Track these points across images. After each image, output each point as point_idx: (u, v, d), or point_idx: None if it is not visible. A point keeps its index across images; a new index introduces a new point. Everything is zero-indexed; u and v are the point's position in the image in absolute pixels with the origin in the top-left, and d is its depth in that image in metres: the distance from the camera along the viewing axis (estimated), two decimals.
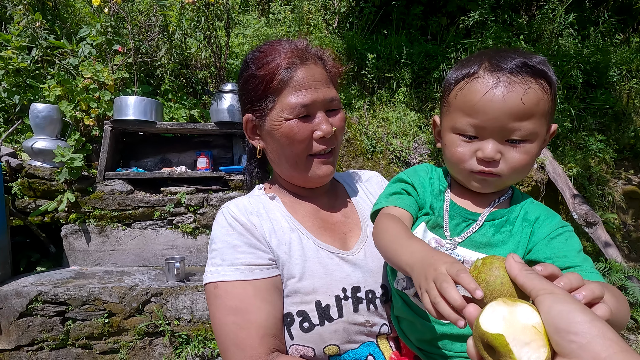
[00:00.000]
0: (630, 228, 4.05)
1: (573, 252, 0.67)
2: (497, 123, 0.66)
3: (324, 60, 0.88)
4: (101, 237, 3.06)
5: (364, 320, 0.81)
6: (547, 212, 0.75)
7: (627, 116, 4.39)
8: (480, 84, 0.68)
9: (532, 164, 0.71)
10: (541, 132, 0.69)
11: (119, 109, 3.00)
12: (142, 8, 3.84)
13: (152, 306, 2.63)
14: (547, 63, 0.69)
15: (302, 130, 0.83)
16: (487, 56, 0.70)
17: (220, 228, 0.83)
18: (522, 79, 0.65)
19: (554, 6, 4.64)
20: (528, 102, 0.65)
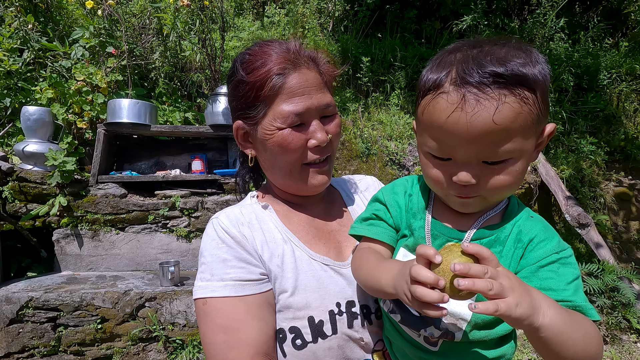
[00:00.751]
0: (622, 229, 4.10)
1: (562, 284, 0.59)
2: (469, 147, 0.57)
3: (318, 63, 0.83)
4: (94, 241, 3.02)
5: (359, 336, 0.78)
6: (544, 233, 0.64)
7: (617, 119, 4.47)
8: (444, 102, 0.57)
9: (518, 182, 0.61)
10: (525, 147, 0.58)
11: (113, 111, 2.97)
12: (136, 10, 3.82)
13: (146, 311, 2.60)
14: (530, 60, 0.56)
15: (296, 140, 0.78)
16: (458, 58, 0.59)
17: (210, 240, 0.79)
18: (493, 94, 0.54)
19: (545, 11, 4.71)
20: (502, 121, 0.54)
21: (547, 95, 0.59)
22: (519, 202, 0.71)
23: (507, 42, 0.59)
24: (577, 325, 0.54)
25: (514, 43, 0.59)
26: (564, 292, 0.58)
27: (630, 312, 3.08)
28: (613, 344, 2.98)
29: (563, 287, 0.59)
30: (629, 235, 4.08)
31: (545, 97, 0.58)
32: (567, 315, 0.53)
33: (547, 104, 0.59)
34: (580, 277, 0.62)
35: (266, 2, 5.25)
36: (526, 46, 0.59)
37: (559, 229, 4.05)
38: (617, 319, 3.10)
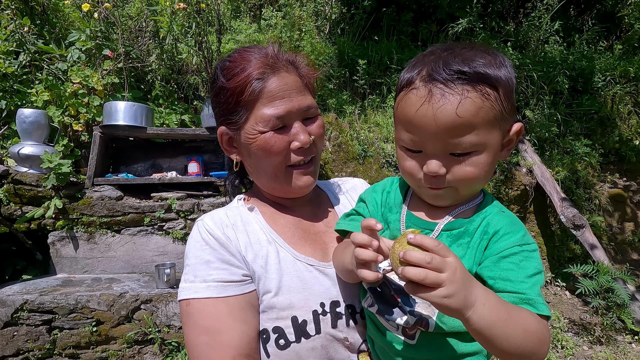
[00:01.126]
0: (616, 230, 4.12)
1: (521, 277, 0.61)
2: (436, 139, 0.62)
3: (297, 66, 0.84)
4: (89, 243, 3.01)
5: (343, 336, 0.78)
6: (510, 226, 0.67)
7: (612, 121, 4.50)
8: (414, 97, 0.62)
9: (484, 175, 0.65)
10: (490, 141, 0.62)
11: (109, 114, 2.97)
12: (133, 13, 3.83)
13: (141, 313, 2.59)
14: (494, 62, 0.61)
15: (279, 143, 0.79)
16: (430, 59, 0.64)
17: (194, 243, 0.80)
18: (457, 89, 0.59)
19: (540, 14, 4.75)
20: (465, 114, 0.59)
21: (511, 95, 0.63)
22: (493, 199, 0.74)
23: (476, 46, 0.65)
24: (514, 322, 0.56)
25: (482, 47, 0.64)
26: (521, 284, 0.61)
27: (625, 312, 3.10)
28: (608, 345, 2.99)
29: (521, 279, 0.61)
30: (624, 237, 4.10)
31: (508, 97, 0.62)
32: (505, 312, 0.56)
33: (511, 103, 0.63)
34: (541, 273, 0.63)
35: (263, 5, 5.27)
36: (493, 50, 0.64)
37: (554, 230, 4.07)
38: (612, 319, 3.12)
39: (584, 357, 2.89)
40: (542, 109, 4.34)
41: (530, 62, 4.44)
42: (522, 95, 4.44)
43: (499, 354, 0.57)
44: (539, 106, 4.39)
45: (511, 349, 0.56)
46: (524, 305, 0.60)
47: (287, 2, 4.87)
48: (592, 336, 3.06)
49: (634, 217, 4.15)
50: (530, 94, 4.41)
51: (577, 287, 3.13)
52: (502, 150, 0.68)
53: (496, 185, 3.85)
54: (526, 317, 0.58)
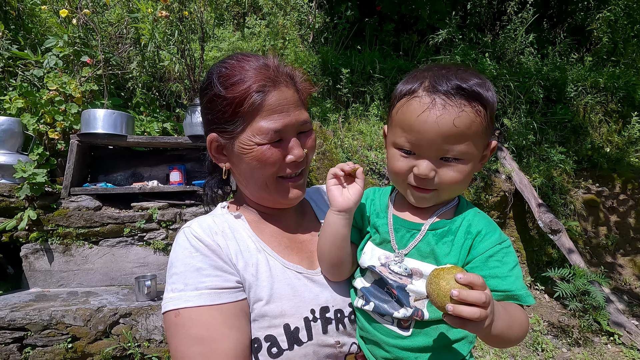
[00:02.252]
0: (591, 235, 4.28)
1: (506, 271, 0.70)
2: (431, 143, 0.70)
3: (296, 81, 0.84)
4: (65, 256, 2.90)
5: (334, 341, 0.79)
6: (489, 226, 0.76)
7: (584, 129, 4.70)
8: (417, 104, 0.70)
9: (465, 181, 0.74)
10: (475, 153, 0.72)
11: (87, 122, 2.90)
12: (113, 20, 3.77)
13: (120, 328, 2.50)
14: (485, 85, 0.70)
15: (274, 156, 0.80)
16: (430, 74, 0.72)
17: (182, 250, 0.78)
18: (456, 102, 0.68)
19: (515, 26, 4.95)
20: (460, 125, 0.67)
21: (493, 116, 0.73)
22: (468, 202, 0.83)
23: (468, 69, 0.74)
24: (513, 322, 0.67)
25: (472, 71, 0.73)
26: (508, 278, 0.70)
27: (601, 314, 3.20)
28: (585, 346, 3.08)
29: (507, 273, 0.70)
30: (598, 240, 4.26)
31: (492, 116, 0.72)
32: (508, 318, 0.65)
33: (493, 122, 0.73)
34: (518, 264, 0.73)
35: (247, 13, 5.28)
36: (482, 75, 0.73)
37: (532, 235, 4.19)
38: (589, 321, 3.22)
39: (563, 359, 2.96)
40: (519, 118, 4.49)
41: (507, 72, 4.60)
42: (500, 104, 4.59)
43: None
44: (516, 115, 4.54)
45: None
46: (513, 300, 0.70)
47: (271, 11, 4.90)
48: (571, 338, 3.15)
49: (606, 221, 4.32)
50: (507, 103, 4.56)
51: (555, 291, 3.22)
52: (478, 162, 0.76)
53: (477, 192, 3.94)
54: (519, 316, 0.69)
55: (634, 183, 4.32)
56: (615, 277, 4.10)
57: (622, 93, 4.88)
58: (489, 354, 2.94)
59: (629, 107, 4.93)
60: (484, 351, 2.97)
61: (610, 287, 3.82)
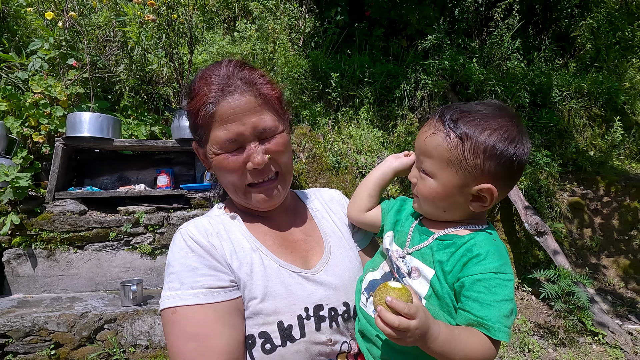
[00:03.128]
0: (576, 236, 4.35)
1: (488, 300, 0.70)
2: (416, 152, 0.84)
3: (255, 84, 0.82)
4: (49, 261, 2.85)
5: (326, 338, 0.81)
6: (492, 254, 0.74)
7: (569, 133, 4.79)
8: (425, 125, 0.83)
9: (433, 198, 0.79)
10: (441, 175, 0.77)
11: (73, 125, 2.87)
12: (100, 23, 3.74)
13: (105, 334, 2.47)
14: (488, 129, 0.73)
15: (232, 164, 0.81)
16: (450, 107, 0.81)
17: (179, 250, 0.80)
18: (435, 125, 0.78)
19: (502, 32, 5.04)
20: (428, 143, 0.78)
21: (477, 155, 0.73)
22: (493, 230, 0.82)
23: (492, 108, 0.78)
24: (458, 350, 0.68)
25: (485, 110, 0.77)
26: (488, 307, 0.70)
27: (585, 314, 3.25)
28: (571, 347, 3.12)
29: (489, 302, 0.70)
30: (583, 242, 4.33)
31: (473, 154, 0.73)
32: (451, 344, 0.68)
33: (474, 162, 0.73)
34: (510, 301, 0.71)
35: (237, 17, 5.29)
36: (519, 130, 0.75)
37: (519, 237, 4.24)
38: (574, 322, 3.27)
39: (549, 359, 3.00)
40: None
41: (494, 77, 4.68)
42: None
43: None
44: None
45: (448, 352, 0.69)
46: (479, 328, 0.70)
47: (261, 15, 4.92)
48: (556, 339, 3.19)
49: (591, 223, 4.40)
50: None
51: (541, 292, 3.26)
52: (473, 201, 0.78)
53: None
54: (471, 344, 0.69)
55: (617, 186, 4.41)
56: (599, 278, 4.17)
57: (605, 98, 4.99)
58: None
59: (611, 111, 5.04)
60: None
61: (595, 287, 3.89)
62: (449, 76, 4.67)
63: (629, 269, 4.23)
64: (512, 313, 0.71)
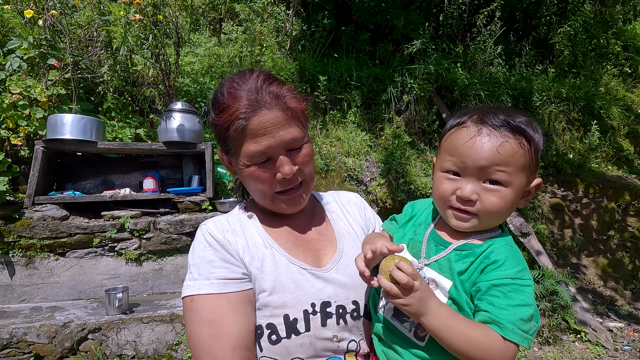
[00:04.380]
0: (557, 237, 4.49)
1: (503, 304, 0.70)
2: (476, 166, 0.74)
3: (284, 100, 0.86)
4: (28, 269, 2.73)
5: (332, 335, 0.84)
6: (511, 260, 0.75)
7: (549, 137, 4.95)
8: (465, 132, 0.77)
9: (506, 210, 0.76)
10: (517, 183, 0.74)
11: (54, 127, 2.76)
12: (83, 22, 3.64)
13: (89, 344, 2.38)
14: (531, 124, 0.76)
15: (263, 175, 0.87)
16: (479, 111, 0.79)
17: (199, 244, 0.88)
18: (501, 133, 0.74)
19: (484, 38, 5.17)
20: (503, 153, 0.73)
21: (538, 154, 0.77)
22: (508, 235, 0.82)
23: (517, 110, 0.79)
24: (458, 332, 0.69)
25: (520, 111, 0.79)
26: (501, 310, 0.69)
27: (568, 313, 3.35)
28: (555, 345, 3.20)
29: (503, 306, 0.70)
30: (564, 242, 4.47)
31: (536, 154, 0.77)
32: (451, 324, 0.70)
33: (537, 160, 0.77)
34: (530, 306, 0.70)
35: (223, 19, 5.24)
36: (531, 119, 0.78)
37: None
38: (557, 320, 3.36)
39: (535, 357, 3.07)
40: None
41: (478, 81, 4.79)
42: None
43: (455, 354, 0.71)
44: None
45: (456, 351, 0.69)
46: (491, 325, 0.69)
47: (248, 17, 4.89)
48: (541, 337, 3.27)
49: (571, 224, 4.55)
50: None
51: None
52: (522, 198, 0.79)
53: None
54: (475, 332, 0.69)
55: (595, 187, 4.58)
56: (580, 277, 4.31)
57: (582, 103, 5.19)
58: None
59: (589, 116, 5.24)
60: None
61: (576, 287, 4.01)
62: (434, 80, 4.75)
63: (607, 268, 4.39)
64: (531, 319, 0.70)
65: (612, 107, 5.44)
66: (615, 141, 5.36)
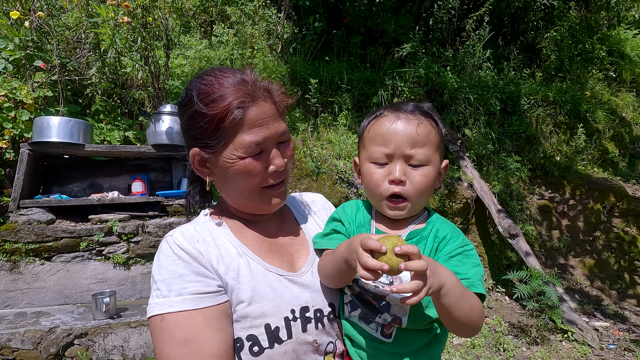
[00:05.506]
0: (545, 238, 4.56)
1: (465, 269, 0.81)
2: (400, 148, 0.83)
3: (273, 94, 0.88)
4: (13, 274, 2.68)
5: (312, 339, 0.84)
6: (453, 232, 0.87)
7: (537, 139, 5.03)
8: (386, 120, 0.86)
9: (430, 187, 0.85)
10: (434, 160, 0.85)
11: (40, 130, 2.73)
12: (71, 24, 3.60)
13: (75, 349, 2.34)
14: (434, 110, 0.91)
15: (257, 168, 0.85)
16: (391, 105, 0.90)
17: (166, 257, 0.81)
18: (416, 117, 0.85)
19: (473, 42, 5.24)
20: (421, 133, 0.83)
21: (442, 137, 0.90)
22: (435, 213, 0.94)
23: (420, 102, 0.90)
24: (464, 298, 0.74)
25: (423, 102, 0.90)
26: (466, 273, 0.81)
27: (555, 313, 3.39)
28: (543, 344, 3.25)
29: (466, 270, 0.81)
30: (552, 243, 4.54)
31: (441, 137, 0.88)
32: (460, 290, 0.74)
33: (443, 142, 0.89)
34: (479, 265, 0.83)
35: (214, 22, 5.23)
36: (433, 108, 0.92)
37: (493, 239, 4.39)
38: (545, 320, 3.41)
39: (523, 357, 3.10)
40: (479, 128, 4.74)
41: (467, 85, 4.85)
42: (461, 116, 4.82)
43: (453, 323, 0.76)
44: (476, 125, 4.78)
45: (462, 318, 0.74)
46: (470, 287, 0.78)
47: (239, 20, 4.89)
48: (529, 337, 3.31)
49: (559, 225, 4.62)
50: (468, 115, 4.81)
51: (514, 292, 3.38)
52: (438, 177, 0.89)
53: (441, 199, 4.10)
54: (473, 296, 0.77)
55: (581, 189, 4.66)
56: (567, 278, 4.37)
57: (569, 106, 5.29)
58: (455, 356, 3.02)
59: (575, 119, 5.34)
60: (450, 354, 3.05)
61: (564, 287, 4.07)
62: (424, 83, 4.80)
63: (594, 268, 4.47)
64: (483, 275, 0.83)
65: (597, 110, 5.56)
66: (601, 144, 5.47)
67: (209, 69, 0.90)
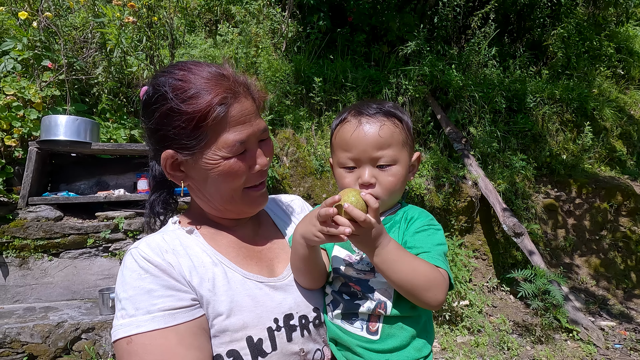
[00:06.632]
0: (551, 237, 4.52)
1: (429, 244, 0.83)
2: (365, 153, 0.84)
3: (251, 89, 0.83)
4: (22, 269, 2.74)
5: (299, 348, 0.79)
6: (421, 214, 0.91)
7: (543, 138, 4.99)
8: (348, 126, 0.87)
9: (401, 184, 0.87)
10: (402, 158, 0.87)
11: (48, 128, 2.77)
12: (77, 24, 3.65)
13: (82, 344, 2.39)
14: (399, 107, 0.90)
15: (242, 168, 0.79)
16: (355, 106, 0.90)
17: (131, 273, 0.73)
18: (378, 119, 0.86)
19: (479, 40, 5.21)
20: (384, 135, 0.84)
21: (411, 131, 0.91)
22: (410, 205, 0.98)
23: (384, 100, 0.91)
24: (404, 262, 0.76)
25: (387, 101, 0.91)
26: (425, 246, 0.83)
27: (560, 312, 3.37)
28: (547, 343, 3.23)
29: (429, 245, 0.83)
30: (557, 242, 4.50)
31: (409, 131, 0.90)
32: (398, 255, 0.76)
33: (412, 136, 0.91)
34: (444, 244, 0.86)
35: (219, 21, 5.26)
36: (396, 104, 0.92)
37: (498, 238, 4.37)
38: (550, 319, 3.39)
39: (527, 356, 3.09)
40: (484, 127, 4.71)
41: (472, 83, 4.83)
42: (466, 113, 4.80)
43: (398, 287, 0.77)
44: (481, 124, 4.76)
45: (403, 281, 0.75)
46: (422, 255, 0.80)
47: (244, 19, 4.91)
48: (534, 336, 3.30)
49: (564, 224, 4.58)
50: (473, 113, 4.78)
51: (519, 291, 3.37)
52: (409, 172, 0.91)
53: (445, 197, 4.08)
54: (418, 262, 0.78)
55: (588, 188, 4.62)
56: (572, 277, 4.34)
57: (575, 104, 5.23)
58: (459, 355, 3.02)
59: (582, 117, 5.29)
60: (454, 352, 3.05)
61: (569, 286, 4.05)
62: (429, 82, 4.79)
63: (599, 267, 4.43)
64: (446, 256, 0.85)
65: (605, 108, 5.49)
66: (608, 142, 5.41)
67: (179, 62, 0.82)
